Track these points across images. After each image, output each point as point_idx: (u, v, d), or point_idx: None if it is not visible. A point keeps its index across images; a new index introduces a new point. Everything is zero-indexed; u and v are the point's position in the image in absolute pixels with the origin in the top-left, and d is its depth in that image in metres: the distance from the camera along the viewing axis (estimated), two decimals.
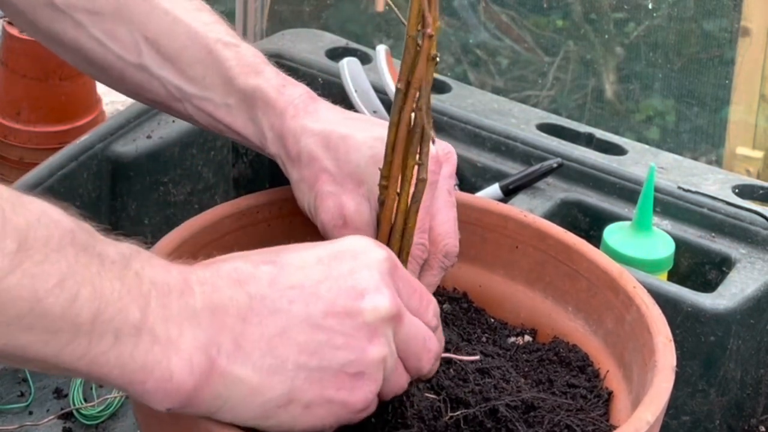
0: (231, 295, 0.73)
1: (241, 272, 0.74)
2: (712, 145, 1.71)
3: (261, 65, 0.96)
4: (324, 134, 0.91)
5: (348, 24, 1.99)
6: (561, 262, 0.95)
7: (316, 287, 0.74)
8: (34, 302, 0.66)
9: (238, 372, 0.72)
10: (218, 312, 0.72)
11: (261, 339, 0.72)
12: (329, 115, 0.93)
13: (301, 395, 0.73)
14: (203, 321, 0.71)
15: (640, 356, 0.86)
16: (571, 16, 1.86)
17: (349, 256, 0.76)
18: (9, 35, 1.40)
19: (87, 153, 1.21)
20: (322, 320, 0.74)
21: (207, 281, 0.73)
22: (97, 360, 0.68)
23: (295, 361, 0.73)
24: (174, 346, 0.70)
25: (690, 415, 1.14)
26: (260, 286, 0.74)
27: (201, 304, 0.72)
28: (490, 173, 1.30)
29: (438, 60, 0.79)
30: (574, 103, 1.84)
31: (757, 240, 1.19)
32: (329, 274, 0.75)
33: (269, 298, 0.73)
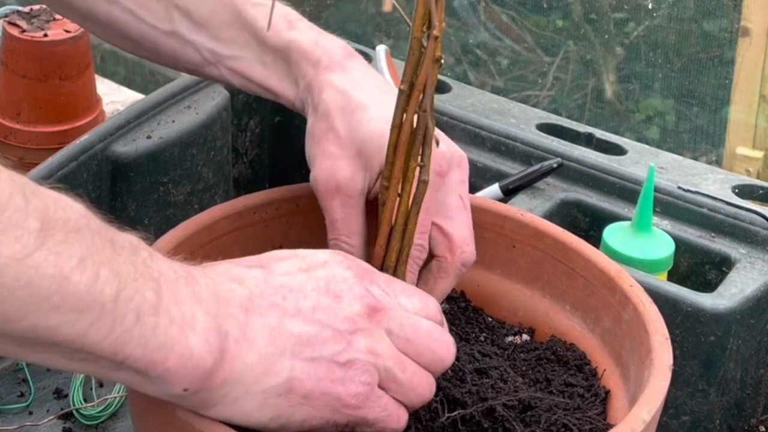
0: (231, 288, 0.76)
1: (235, 273, 0.78)
2: (712, 145, 1.71)
3: (295, 21, 0.98)
4: (346, 95, 0.93)
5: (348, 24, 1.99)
6: (559, 261, 0.96)
7: (302, 287, 0.78)
8: (60, 279, 0.67)
9: (245, 358, 0.74)
10: (222, 302, 0.75)
11: (263, 329, 0.75)
12: (359, 76, 0.95)
13: (299, 385, 0.76)
14: (211, 308, 0.74)
15: (637, 355, 0.86)
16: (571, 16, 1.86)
17: (322, 266, 0.80)
18: (9, 35, 1.40)
19: (87, 153, 1.21)
20: (312, 314, 0.77)
21: (208, 275, 0.76)
22: (121, 338, 0.70)
23: (292, 350, 0.76)
24: (190, 325, 0.72)
25: (690, 415, 1.14)
26: (256, 283, 0.77)
27: (206, 293, 0.74)
28: (490, 173, 1.30)
29: (443, 62, 0.79)
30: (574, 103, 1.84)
31: (757, 240, 1.19)
32: (310, 278, 0.79)
33: (266, 293, 0.77)
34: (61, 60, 1.40)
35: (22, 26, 1.41)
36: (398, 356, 0.79)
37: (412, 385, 0.79)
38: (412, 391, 0.79)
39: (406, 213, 0.84)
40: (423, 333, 0.80)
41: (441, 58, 0.78)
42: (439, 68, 0.79)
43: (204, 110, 1.32)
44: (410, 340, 0.79)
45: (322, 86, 0.94)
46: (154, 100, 1.31)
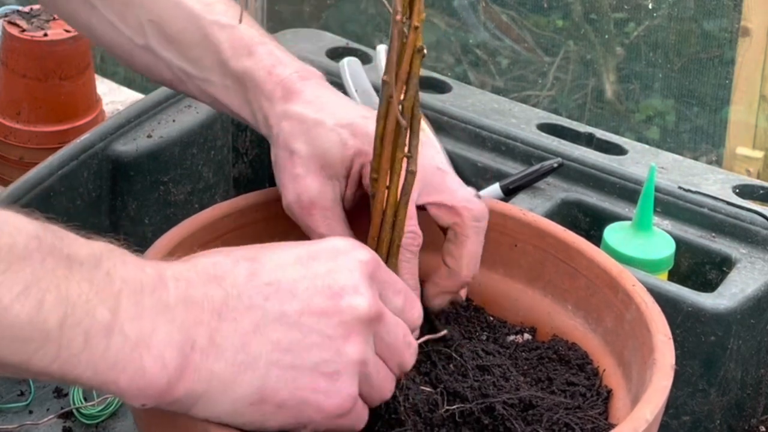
0: (206, 291, 0.73)
1: (219, 267, 0.74)
2: (712, 145, 1.71)
3: (255, 46, 0.96)
4: (301, 118, 0.93)
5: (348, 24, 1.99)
6: (560, 261, 0.95)
7: (293, 285, 0.74)
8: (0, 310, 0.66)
9: (211, 367, 0.72)
10: (193, 307, 0.72)
11: (235, 335, 0.72)
12: (312, 95, 0.94)
13: (273, 394, 0.73)
14: (177, 316, 0.71)
15: (640, 354, 0.86)
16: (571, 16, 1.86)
17: (328, 256, 0.76)
18: (9, 35, 1.40)
19: (87, 152, 1.21)
20: (298, 318, 0.73)
21: (182, 277, 0.73)
22: (68, 363, 0.68)
23: (268, 358, 0.73)
24: (145, 343, 0.70)
25: (690, 415, 1.14)
26: (236, 282, 0.74)
27: (175, 299, 0.72)
28: (491, 173, 1.30)
29: (425, 52, 0.79)
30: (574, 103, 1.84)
31: (758, 240, 1.19)
32: (306, 273, 0.75)
33: (245, 294, 0.73)
34: (61, 60, 1.40)
35: (22, 26, 1.41)
36: (377, 361, 0.77)
37: (380, 387, 0.77)
38: (378, 393, 0.78)
39: (395, 204, 0.84)
40: (401, 337, 0.78)
41: (422, 48, 0.78)
42: (422, 58, 0.79)
43: (204, 110, 1.31)
44: (390, 344, 0.77)
45: (279, 118, 0.94)
46: (155, 99, 1.31)
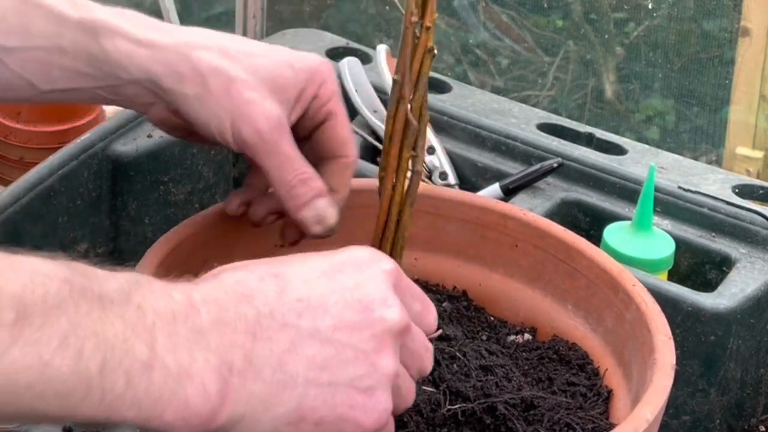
0: (237, 311, 0.71)
1: (245, 285, 0.72)
2: (712, 145, 1.71)
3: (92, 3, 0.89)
4: (221, 48, 0.86)
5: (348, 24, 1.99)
6: (561, 261, 0.95)
7: (323, 300, 0.72)
8: (41, 368, 0.64)
9: (250, 389, 0.70)
10: (226, 330, 0.70)
11: (271, 355, 0.71)
12: (208, 33, 0.88)
13: (312, 412, 0.71)
14: (212, 341, 0.70)
15: (640, 354, 0.86)
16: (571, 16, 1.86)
17: (354, 267, 0.74)
18: None
19: (87, 152, 1.21)
20: (331, 334, 0.72)
21: (211, 298, 0.71)
22: (113, 405, 0.67)
23: (305, 376, 0.71)
24: (186, 373, 0.68)
25: (690, 415, 1.14)
26: (267, 300, 0.72)
27: (208, 324, 0.70)
28: (491, 173, 1.30)
29: (435, 53, 0.79)
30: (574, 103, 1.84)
31: (757, 240, 1.19)
32: (335, 287, 0.73)
33: (278, 312, 0.71)
34: None
35: None
36: (404, 370, 0.76)
37: (407, 396, 0.76)
38: (404, 402, 0.77)
39: (400, 203, 0.84)
40: (422, 343, 0.77)
41: (433, 48, 0.78)
42: (432, 58, 0.79)
43: None
44: (413, 352, 0.76)
45: (182, 50, 0.86)
46: None
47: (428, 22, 0.76)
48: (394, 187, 0.84)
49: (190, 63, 0.85)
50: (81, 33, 0.86)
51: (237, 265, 0.74)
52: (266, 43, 0.90)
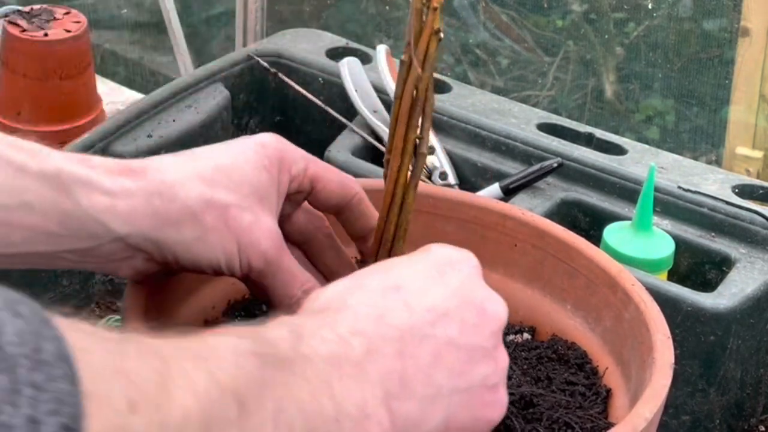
0: (380, 333, 0.70)
1: (374, 305, 0.71)
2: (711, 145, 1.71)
3: (48, 150, 0.78)
4: (198, 174, 0.80)
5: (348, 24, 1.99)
6: (560, 260, 0.95)
7: (445, 306, 0.72)
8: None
9: (406, 409, 0.69)
10: (378, 357, 0.69)
11: (418, 372, 0.70)
12: (171, 158, 0.81)
13: (456, 420, 0.71)
14: (371, 373, 0.68)
15: (639, 354, 0.86)
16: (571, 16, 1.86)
17: (451, 268, 0.74)
18: (9, 35, 1.41)
19: (87, 152, 1.21)
20: (459, 338, 0.72)
21: (355, 328, 0.69)
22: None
23: (449, 385, 0.71)
24: (365, 414, 0.67)
25: (690, 415, 1.14)
26: (401, 316, 0.71)
27: (362, 355, 0.68)
28: (491, 173, 1.30)
29: (442, 35, 0.79)
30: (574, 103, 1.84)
31: (757, 240, 1.19)
32: (446, 290, 0.73)
33: (415, 327, 0.71)
34: (62, 59, 1.40)
35: (22, 26, 1.41)
36: None
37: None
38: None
39: (404, 186, 0.84)
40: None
41: (440, 30, 0.79)
42: (439, 40, 0.79)
43: (204, 109, 1.32)
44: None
45: (164, 192, 0.78)
46: (155, 99, 1.31)
47: (435, 3, 0.76)
48: (399, 169, 0.84)
49: (178, 204, 0.79)
50: (48, 187, 0.75)
51: (346, 285, 0.73)
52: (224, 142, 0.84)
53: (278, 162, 0.83)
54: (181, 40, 2.11)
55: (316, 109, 1.40)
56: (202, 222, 0.79)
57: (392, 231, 0.86)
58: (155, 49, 2.47)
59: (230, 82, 1.39)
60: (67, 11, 1.45)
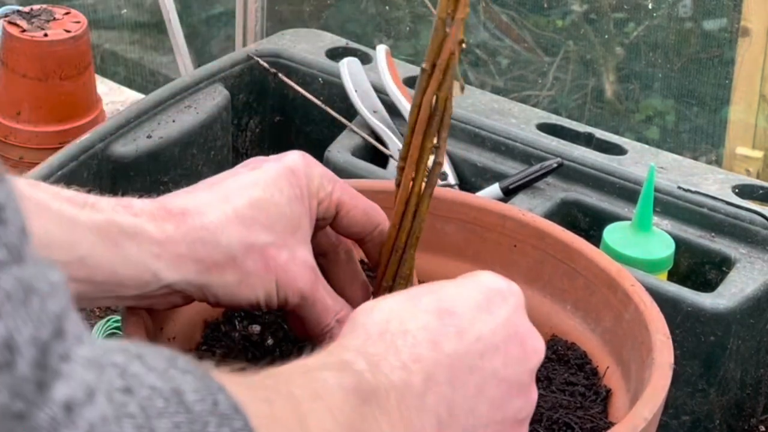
0: (436, 360, 0.71)
1: (431, 330, 0.72)
2: (712, 145, 1.71)
3: (90, 197, 0.79)
4: (236, 214, 0.81)
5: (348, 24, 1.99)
6: (560, 261, 0.95)
7: (493, 338, 0.73)
8: None
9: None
10: (433, 386, 0.70)
11: (465, 401, 0.71)
12: (209, 196, 0.82)
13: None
14: (428, 403, 0.70)
15: (638, 354, 0.86)
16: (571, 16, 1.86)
17: (500, 298, 0.75)
18: (9, 35, 1.40)
19: (87, 152, 1.21)
20: (502, 371, 0.73)
21: (415, 355, 0.70)
22: None
23: (487, 416, 0.72)
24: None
25: (690, 415, 1.14)
26: (454, 343, 0.72)
27: (422, 384, 0.70)
28: (490, 173, 1.30)
29: (465, 45, 0.79)
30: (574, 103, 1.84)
31: (757, 240, 1.19)
32: (495, 322, 0.74)
33: (466, 355, 0.72)
34: (61, 59, 1.40)
35: (22, 26, 1.41)
36: None
37: None
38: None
39: (419, 194, 0.84)
40: None
41: (463, 40, 0.78)
42: (461, 51, 0.79)
43: (204, 110, 1.32)
44: None
45: (207, 239, 0.79)
46: (155, 99, 1.31)
47: (461, 14, 0.76)
48: (413, 178, 0.84)
49: (220, 250, 0.80)
50: (99, 240, 0.77)
51: (400, 303, 0.74)
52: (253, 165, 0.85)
53: (308, 189, 0.84)
54: (181, 40, 2.11)
55: (316, 109, 1.40)
56: (244, 266, 0.80)
57: (404, 239, 0.86)
58: (155, 49, 2.47)
59: (230, 82, 1.39)
60: (67, 11, 1.45)
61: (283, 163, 0.84)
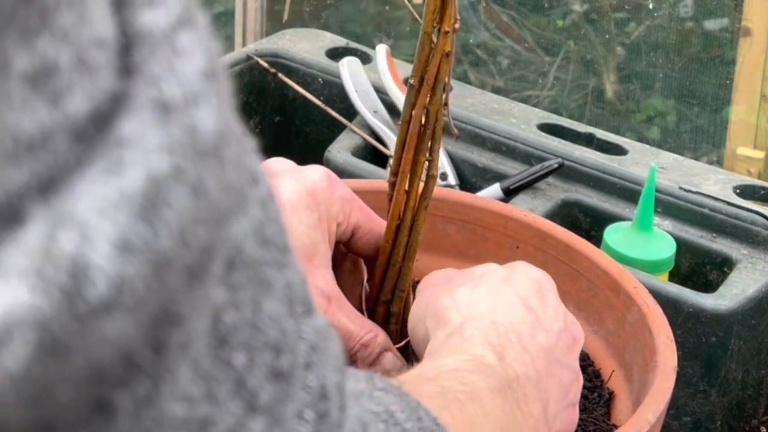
0: (536, 352, 0.75)
1: (527, 322, 0.76)
2: (712, 145, 1.71)
3: None
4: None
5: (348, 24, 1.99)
6: (562, 262, 0.95)
7: (557, 327, 0.77)
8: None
9: (551, 424, 0.75)
10: (540, 375, 0.74)
11: (553, 389, 0.75)
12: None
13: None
14: (539, 389, 0.73)
15: (641, 356, 0.86)
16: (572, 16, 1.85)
17: (546, 289, 0.79)
18: None
19: None
20: (565, 359, 0.77)
21: (525, 347, 0.74)
22: None
23: (564, 402, 0.76)
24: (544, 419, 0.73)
25: (691, 416, 1.14)
26: (543, 335, 0.76)
27: (535, 374, 0.73)
28: (491, 173, 1.29)
29: (454, 57, 0.79)
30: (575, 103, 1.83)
31: (758, 240, 1.19)
32: (555, 312, 0.78)
33: (552, 346, 0.76)
34: None
35: None
36: None
37: None
38: None
39: (414, 208, 0.84)
40: None
41: (450, 53, 0.78)
42: (451, 63, 0.78)
43: None
44: None
45: None
46: None
47: (446, 27, 0.76)
48: (408, 191, 0.83)
49: None
50: None
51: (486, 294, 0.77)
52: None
53: (327, 214, 0.83)
54: None
55: (316, 109, 1.39)
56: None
57: (401, 253, 0.85)
58: None
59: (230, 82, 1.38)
60: None
61: (303, 185, 0.83)
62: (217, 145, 0.39)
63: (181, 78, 0.38)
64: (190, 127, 0.38)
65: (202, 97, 0.39)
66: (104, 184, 0.35)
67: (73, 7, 0.35)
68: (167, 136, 0.37)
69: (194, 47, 0.39)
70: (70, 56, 0.35)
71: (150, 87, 0.37)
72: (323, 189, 0.83)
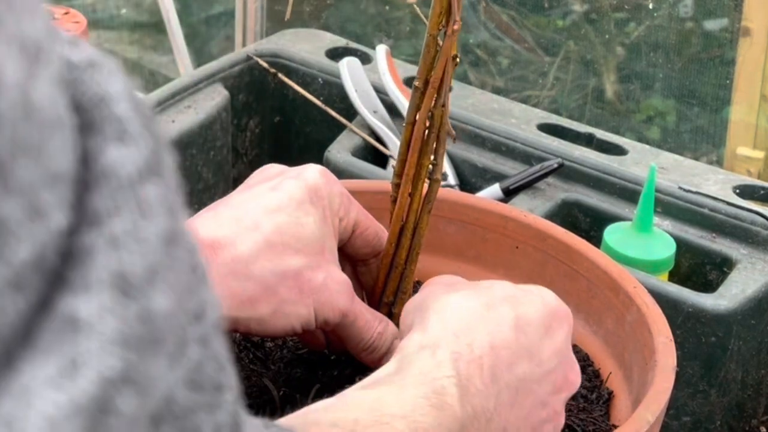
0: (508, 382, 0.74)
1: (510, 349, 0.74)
2: (712, 145, 1.71)
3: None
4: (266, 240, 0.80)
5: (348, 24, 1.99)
6: (561, 263, 0.95)
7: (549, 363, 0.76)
8: None
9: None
10: (500, 408, 0.73)
11: (517, 421, 0.74)
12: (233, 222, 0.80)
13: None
14: (493, 424, 0.73)
15: (641, 356, 0.86)
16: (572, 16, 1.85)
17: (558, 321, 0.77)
18: None
19: None
20: (548, 397, 0.76)
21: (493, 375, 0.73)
22: None
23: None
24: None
25: (691, 416, 1.14)
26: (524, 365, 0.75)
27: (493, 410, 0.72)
28: (491, 173, 1.29)
29: (458, 60, 0.78)
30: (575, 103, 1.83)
31: (758, 240, 1.19)
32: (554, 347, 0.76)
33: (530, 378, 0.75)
34: None
35: None
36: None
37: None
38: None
39: (417, 211, 0.84)
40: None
41: (456, 56, 0.78)
42: (455, 66, 0.78)
43: (204, 110, 1.31)
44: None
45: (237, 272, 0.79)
46: (154, 99, 1.30)
47: (452, 29, 0.76)
48: (411, 194, 0.83)
49: (252, 282, 0.79)
50: None
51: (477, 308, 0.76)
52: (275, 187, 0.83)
53: (330, 209, 0.84)
54: (181, 40, 2.11)
55: (316, 110, 1.39)
56: (277, 295, 0.79)
57: (404, 256, 0.85)
58: (154, 49, 2.47)
59: (230, 82, 1.38)
60: (67, 11, 1.45)
61: (304, 182, 0.83)
62: (167, 325, 0.37)
63: (143, 245, 0.37)
64: (145, 312, 0.36)
65: (160, 273, 0.37)
66: (57, 389, 0.34)
67: (30, 152, 0.34)
68: (123, 325, 0.36)
69: (159, 203, 0.37)
70: (21, 207, 0.34)
71: (110, 253, 0.36)
72: (323, 185, 0.83)
